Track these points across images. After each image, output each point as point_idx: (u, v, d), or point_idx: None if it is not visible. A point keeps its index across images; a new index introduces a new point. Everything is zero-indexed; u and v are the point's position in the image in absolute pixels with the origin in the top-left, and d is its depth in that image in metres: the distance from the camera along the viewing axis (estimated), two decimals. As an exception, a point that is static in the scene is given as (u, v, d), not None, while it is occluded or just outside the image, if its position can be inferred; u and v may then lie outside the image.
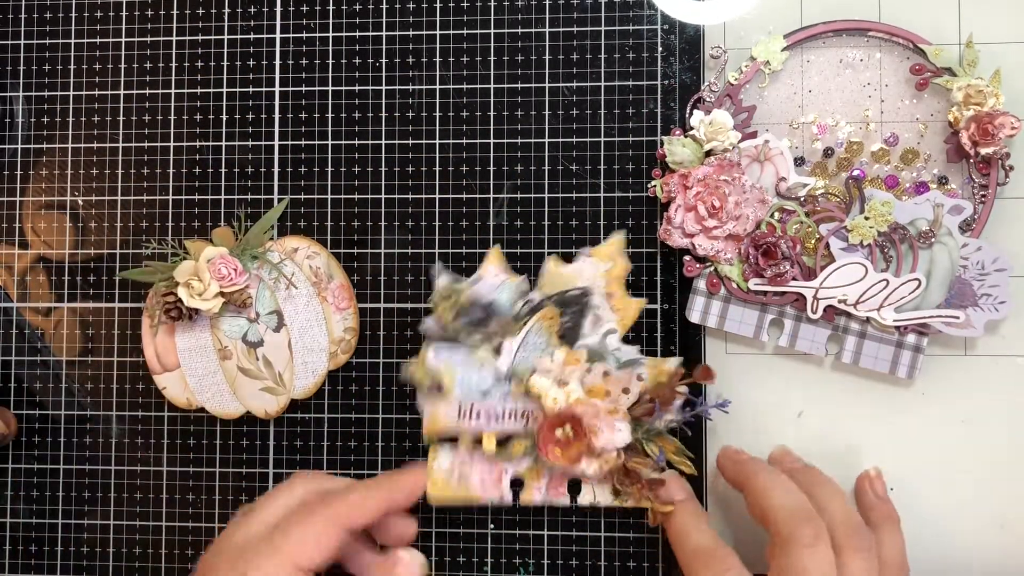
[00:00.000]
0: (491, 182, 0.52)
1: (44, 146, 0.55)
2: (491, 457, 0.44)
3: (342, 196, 0.53)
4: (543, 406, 0.42)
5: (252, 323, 0.52)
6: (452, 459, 0.44)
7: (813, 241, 0.49)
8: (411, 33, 0.53)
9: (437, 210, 0.52)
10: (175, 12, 0.54)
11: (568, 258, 0.50)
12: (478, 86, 0.52)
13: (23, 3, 0.55)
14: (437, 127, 0.53)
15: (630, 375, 0.44)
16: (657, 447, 0.45)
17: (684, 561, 0.43)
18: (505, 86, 0.52)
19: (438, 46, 0.53)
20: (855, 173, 0.49)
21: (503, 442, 0.45)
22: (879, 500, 0.47)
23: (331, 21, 0.53)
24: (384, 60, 0.53)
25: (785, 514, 0.41)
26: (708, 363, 0.46)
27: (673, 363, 0.46)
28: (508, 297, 0.45)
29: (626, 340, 0.47)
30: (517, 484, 0.45)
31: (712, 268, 0.49)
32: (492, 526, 0.52)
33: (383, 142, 0.53)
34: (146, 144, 0.54)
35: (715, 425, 0.50)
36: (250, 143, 0.53)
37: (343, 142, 0.53)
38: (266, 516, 0.42)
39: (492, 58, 0.52)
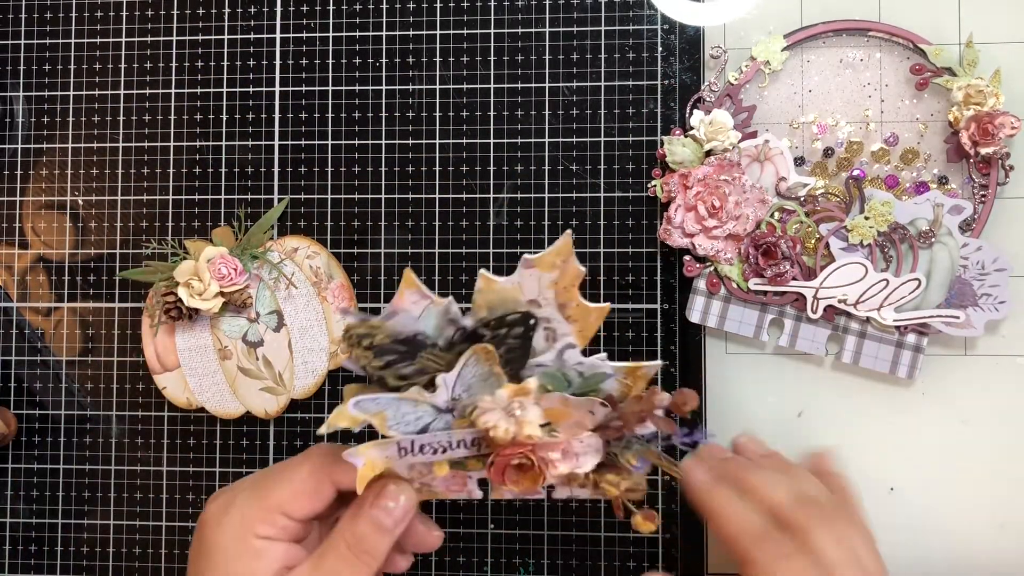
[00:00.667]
0: (491, 182, 0.52)
1: (44, 146, 0.55)
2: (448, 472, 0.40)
3: (342, 196, 0.53)
4: (493, 438, 0.37)
5: (252, 323, 0.52)
6: (409, 472, 0.39)
7: (813, 241, 0.49)
8: (411, 33, 0.53)
9: (437, 210, 0.52)
10: (175, 12, 0.54)
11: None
12: (478, 86, 0.52)
13: (23, 3, 0.55)
14: (437, 127, 0.53)
15: (592, 401, 0.38)
16: (635, 457, 0.39)
17: (734, 546, 0.40)
18: (505, 86, 0.52)
19: (438, 46, 0.53)
20: (855, 173, 0.49)
21: (457, 460, 0.40)
22: (830, 475, 0.45)
23: (331, 21, 0.53)
24: (384, 60, 0.53)
25: (747, 540, 0.39)
26: (686, 388, 0.39)
27: (651, 368, 0.39)
28: (435, 324, 0.38)
29: (585, 352, 0.40)
30: (485, 482, 0.41)
31: (712, 268, 0.49)
32: (492, 526, 0.52)
33: (383, 142, 0.53)
34: (146, 144, 0.54)
35: (715, 426, 0.50)
36: (250, 143, 0.53)
37: (343, 142, 0.53)
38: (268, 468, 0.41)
39: (492, 58, 0.52)
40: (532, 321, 0.38)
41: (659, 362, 0.40)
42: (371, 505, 0.38)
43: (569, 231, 0.38)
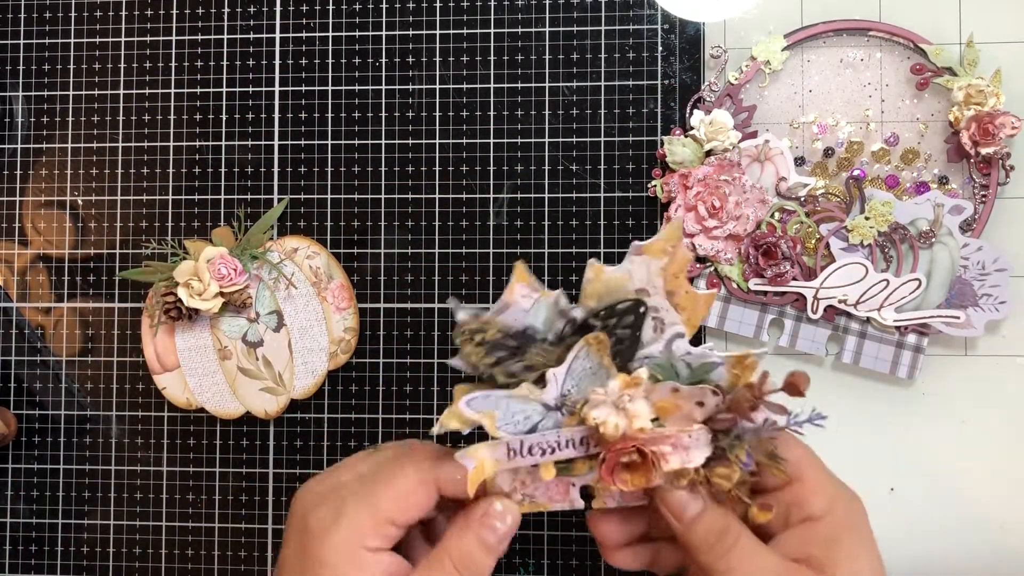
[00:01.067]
0: (491, 182, 0.52)
1: (44, 146, 0.55)
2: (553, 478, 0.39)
3: (342, 196, 0.53)
4: (603, 434, 0.37)
5: (252, 323, 0.52)
6: (512, 482, 0.39)
7: (813, 241, 0.49)
8: (411, 33, 0.53)
9: (437, 210, 0.52)
10: (175, 12, 0.54)
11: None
12: (478, 86, 0.52)
13: (23, 3, 0.55)
14: (437, 127, 0.53)
15: (703, 390, 0.37)
16: (745, 451, 0.37)
17: None
18: (505, 86, 0.52)
19: (438, 46, 0.53)
20: (855, 173, 0.49)
21: (564, 463, 0.39)
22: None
23: (331, 21, 0.53)
24: (384, 60, 0.53)
25: None
26: (798, 370, 0.36)
27: (759, 356, 0.37)
28: (545, 318, 0.37)
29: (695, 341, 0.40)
30: (586, 492, 0.40)
31: (712, 268, 0.49)
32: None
33: (383, 142, 0.53)
34: (146, 144, 0.54)
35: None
36: (250, 143, 0.53)
37: (343, 142, 0.53)
38: (366, 466, 0.39)
39: (492, 58, 0.52)
40: (643, 308, 0.37)
41: (766, 349, 0.39)
42: (479, 523, 0.37)
43: (680, 219, 0.36)
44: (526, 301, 0.37)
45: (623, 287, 0.38)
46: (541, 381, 0.37)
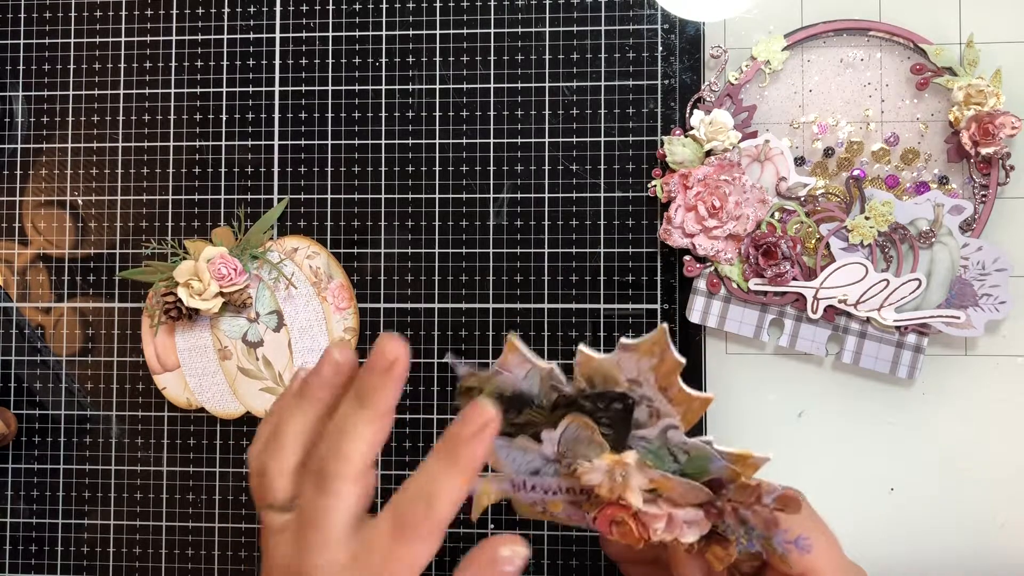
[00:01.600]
0: (491, 182, 0.52)
1: (44, 146, 0.55)
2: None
3: (342, 196, 0.53)
4: (598, 495, 0.37)
5: (252, 323, 0.52)
6: (535, 497, 0.40)
7: (813, 241, 0.49)
8: (411, 33, 0.53)
9: (437, 210, 0.52)
10: (175, 12, 0.54)
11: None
12: (478, 86, 0.52)
13: (23, 3, 0.55)
14: (437, 127, 0.53)
15: (696, 487, 0.37)
16: (747, 534, 0.37)
17: None
18: (505, 86, 0.52)
19: (438, 46, 0.53)
20: (855, 173, 0.49)
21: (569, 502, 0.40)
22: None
23: (331, 21, 0.53)
24: (384, 60, 0.53)
25: None
26: (792, 490, 0.36)
27: (761, 460, 0.37)
28: (539, 387, 0.38)
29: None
30: None
31: (712, 268, 0.49)
32: (492, 526, 0.52)
33: (383, 142, 0.53)
34: (146, 144, 0.54)
35: (716, 428, 0.50)
36: (250, 143, 0.53)
37: (343, 142, 0.53)
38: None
39: (492, 58, 0.52)
40: (631, 401, 0.37)
41: (770, 454, 0.37)
42: (492, 572, 0.36)
43: (664, 325, 0.37)
44: (520, 370, 0.37)
45: (613, 374, 0.38)
46: (538, 437, 0.38)
